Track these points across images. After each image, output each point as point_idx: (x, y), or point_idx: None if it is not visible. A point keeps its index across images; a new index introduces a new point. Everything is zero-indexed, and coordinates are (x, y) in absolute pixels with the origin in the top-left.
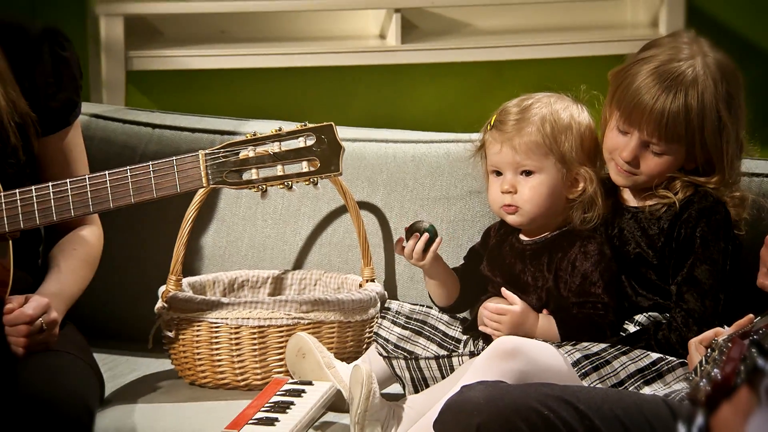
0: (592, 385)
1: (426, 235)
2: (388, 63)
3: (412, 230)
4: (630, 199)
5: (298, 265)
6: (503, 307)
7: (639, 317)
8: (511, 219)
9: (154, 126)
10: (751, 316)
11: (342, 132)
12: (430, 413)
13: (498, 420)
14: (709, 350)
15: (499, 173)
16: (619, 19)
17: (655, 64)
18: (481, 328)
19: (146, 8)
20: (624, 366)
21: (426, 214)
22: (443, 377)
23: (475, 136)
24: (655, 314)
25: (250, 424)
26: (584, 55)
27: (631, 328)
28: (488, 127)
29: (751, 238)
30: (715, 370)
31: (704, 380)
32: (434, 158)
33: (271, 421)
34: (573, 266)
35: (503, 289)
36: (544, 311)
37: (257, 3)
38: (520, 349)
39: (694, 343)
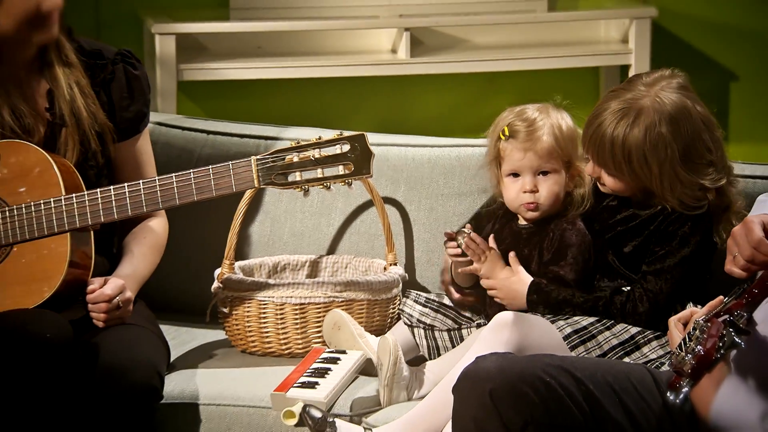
0: (581, 356)
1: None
2: (399, 74)
3: (453, 238)
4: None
5: (331, 251)
6: (491, 282)
7: (603, 284)
8: (530, 215)
9: (208, 132)
10: (721, 297)
11: (369, 138)
12: (446, 378)
13: (507, 386)
14: (691, 329)
15: (516, 175)
16: (594, 36)
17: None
18: (491, 294)
19: (194, 28)
20: (607, 340)
21: (442, 209)
22: (453, 343)
23: (479, 141)
24: (616, 283)
25: (295, 387)
26: (565, 67)
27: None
28: (502, 138)
29: None
30: (698, 347)
31: (689, 355)
32: (447, 160)
33: (312, 385)
34: (558, 245)
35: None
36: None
37: (288, 23)
38: (517, 322)
39: (673, 320)
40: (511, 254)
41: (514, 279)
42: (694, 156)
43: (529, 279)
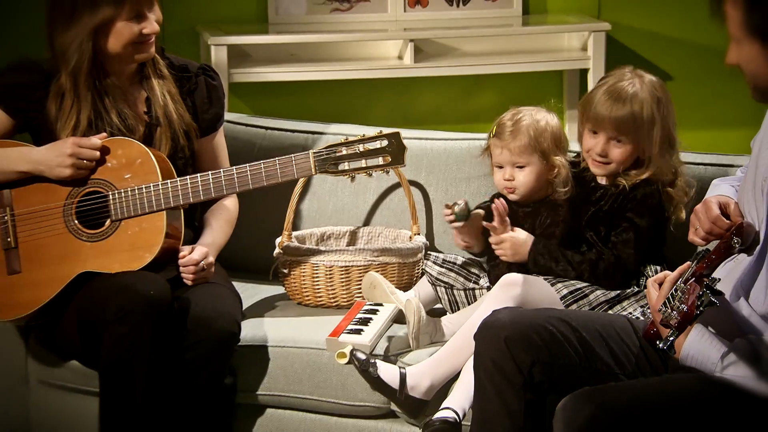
0: (575, 309)
1: (454, 216)
2: (404, 77)
3: (450, 206)
4: (600, 181)
5: (366, 223)
6: (504, 234)
7: (575, 256)
8: (511, 196)
9: (266, 128)
10: (688, 263)
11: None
12: (464, 327)
13: (518, 333)
14: (674, 290)
15: (500, 166)
16: (559, 46)
17: (606, 86)
18: (498, 254)
19: (241, 40)
20: (597, 298)
21: (455, 190)
22: (468, 303)
23: (484, 135)
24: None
25: (345, 333)
26: (535, 71)
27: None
28: (491, 135)
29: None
30: (682, 305)
31: (674, 312)
32: (459, 150)
33: (358, 331)
34: (547, 222)
35: (512, 232)
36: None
37: (315, 36)
38: (519, 281)
39: (650, 282)
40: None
41: (517, 236)
42: (672, 131)
43: (530, 236)
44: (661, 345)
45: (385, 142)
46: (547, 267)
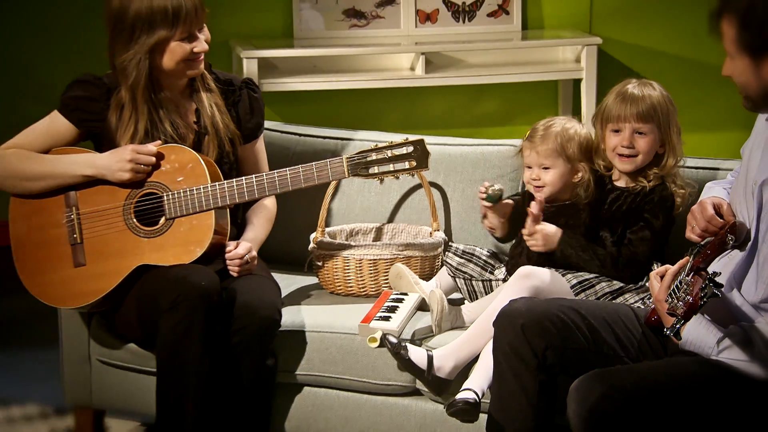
0: (584, 299)
1: (485, 204)
2: (416, 86)
3: (486, 186)
4: (619, 184)
5: (390, 220)
6: (538, 226)
7: (599, 250)
8: (538, 194)
9: (299, 135)
10: (687, 257)
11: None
12: (483, 315)
13: (533, 321)
14: (678, 282)
15: (529, 167)
16: (555, 58)
17: (616, 92)
18: (529, 244)
19: (269, 53)
20: (602, 289)
21: (471, 190)
22: (485, 293)
23: (496, 141)
24: (613, 249)
25: (375, 319)
26: (533, 80)
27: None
28: (525, 138)
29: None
30: (687, 296)
31: (680, 302)
32: (473, 155)
33: (386, 318)
34: (570, 224)
35: (544, 225)
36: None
37: (336, 49)
38: (534, 273)
39: (653, 274)
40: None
41: (548, 229)
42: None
43: (558, 229)
44: (668, 332)
45: (411, 148)
46: (575, 256)
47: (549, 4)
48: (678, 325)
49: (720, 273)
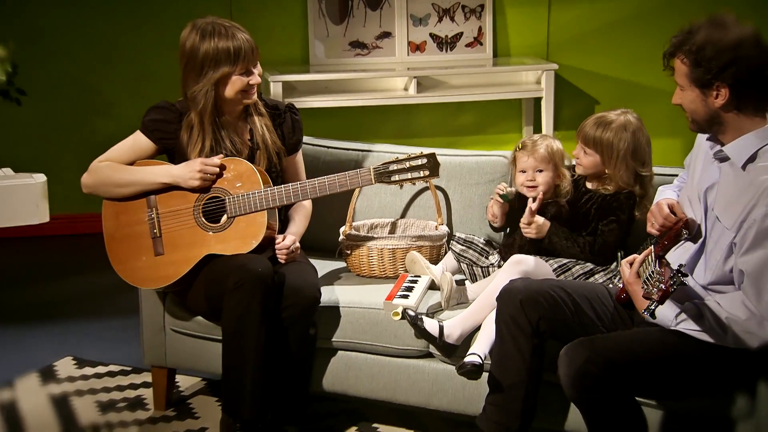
0: (569, 279)
1: (501, 200)
2: (409, 103)
3: (503, 188)
4: (590, 187)
5: (403, 216)
6: (534, 219)
7: (579, 239)
8: (530, 193)
9: (327, 147)
10: (650, 248)
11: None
12: (485, 292)
13: (529, 297)
14: (650, 272)
15: (524, 171)
16: (519, 80)
17: (598, 115)
18: (525, 232)
19: (290, 77)
20: (577, 271)
21: (468, 191)
22: (484, 276)
23: (490, 152)
24: (589, 238)
25: (396, 297)
26: (501, 99)
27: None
28: (517, 150)
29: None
30: (660, 284)
31: (655, 289)
32: (470, 163)
33: (405, 296)
34: (553, 215)
35: (537, 216)
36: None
37: (344, 74)
38: (523, 260)
39: (623, 262)
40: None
41: (540, 221)
42: (638, 154)
43: (547, 221)
44: (645, 312)
45: (425, 160)
46: (559, 243)
47: (514, 37)
48: (653, 307)
49: (685, 265)
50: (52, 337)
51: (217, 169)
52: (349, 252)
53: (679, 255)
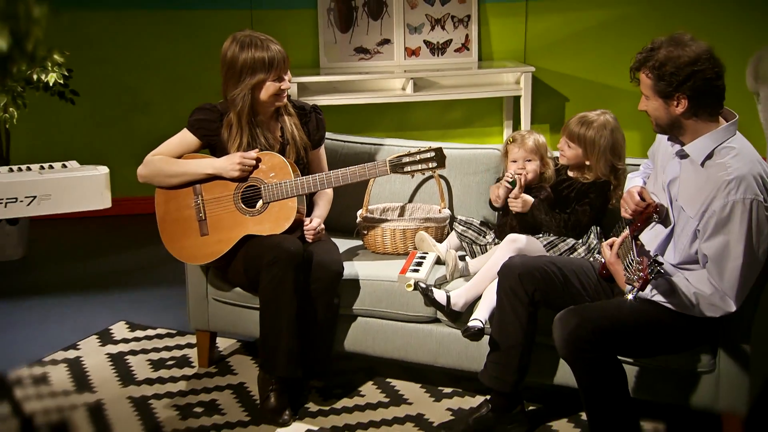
0: (558, 255)
1: (508, 185)
2: (405, 101)
3: (511, 176)
4: (571, 175)
5: (410, 200)
6: (520, 196)
7: (556, 215)
8: (520, 178)
9: (344, 141)
10: (625, 232)
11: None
12: (485, 266)
13: (526, 271)
14: (630, 260)
15: (515, 161)
16: (500, 81)
17: (580, 115)
18: (511, 206)
19: (303, 79)
20: (562, 247)
21: (466, 179)
22: (482, 252)
23: (485, 146)
24: (565, 216)
25: (409, 271)
26: (484, 97)
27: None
28: (509, 143)
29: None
30: (640, 272)
31: (636, 276)
32: (468, 155)
33: (416, 270)
34: (539, 197)
35: (522, 194)
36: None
37: (350, 76)
38: (518, 238)
39: (604, 244)
40: (523, 195)
41: (526, 197)
42: (616, 150)
43: (531, 198)
44: (630, 297)
45: (433, 153)
46: (540, 218)
47: (496, 43)
48: (635, 293)
49: (661, 255)
50: (108, 304)
51: (254, 162)
52: (365, 232)
53: (651, 238)
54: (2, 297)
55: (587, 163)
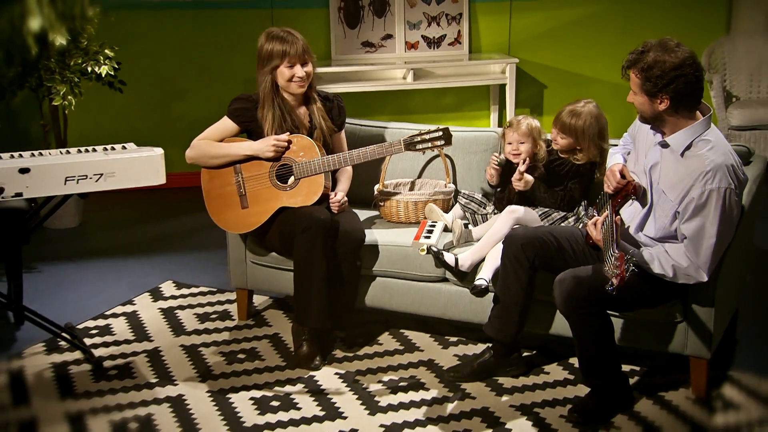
0: (553, 225)
1: (496, 166)
2: (406, 89)
3: (498, 156)
4: (564, 156)
5: (420, 176)
6: (523, 176)
7: (553, 192)
8: (516, 159)
9: (361, 125)
10: (605, 212)
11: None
12: (488, 233)
13: (527, 240)
14: (608, 256)
15: (510, 143)
16: (488, 71)
17: (569, 108)
18: (515, 186)
19: (318, 70)
20: (555, 217)
21: (468, 157)
22: (483, 221)
23: (485, 129)
24: (560, 193)
25: (422, 237)
26: (474, 85)
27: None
28: (506, 127)
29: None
30: (617, 270)
31: (613, 274)
32: (470, 137)
33: (428, 236)
34: (534, 176)
35: (525, 174)
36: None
37: (357, 67)
38: (515, 209)
39: (589, 223)
40: (525, 174)
41: (528, 177)
42: (602, 134)
43: (532, 177)
44: (609, 289)
45: (441, 133)
46: (539, 194)
47: (484, 38)
48: (614, 288)
49: (637, 253)
50: (157, 266)
51: (286, 144)
52: (382, 204)
53: (631, 215)
54: (63, 259)
55: (578, 148)
